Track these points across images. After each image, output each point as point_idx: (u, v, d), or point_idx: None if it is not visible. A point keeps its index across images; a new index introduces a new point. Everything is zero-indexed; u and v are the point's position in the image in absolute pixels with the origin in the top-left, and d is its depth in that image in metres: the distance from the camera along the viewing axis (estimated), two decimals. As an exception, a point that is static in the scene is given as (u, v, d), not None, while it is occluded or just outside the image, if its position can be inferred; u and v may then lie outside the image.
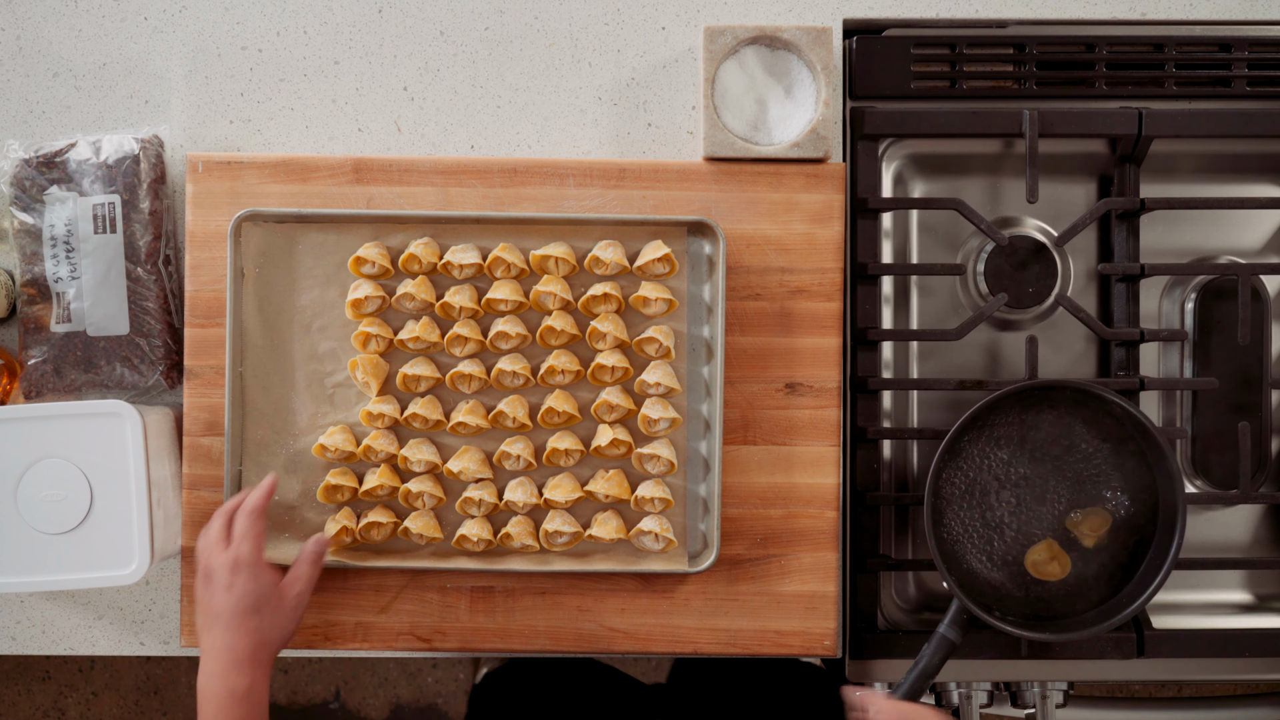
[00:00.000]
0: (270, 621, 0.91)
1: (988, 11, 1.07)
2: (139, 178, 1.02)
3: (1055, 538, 0.98)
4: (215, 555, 0.92)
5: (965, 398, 1.08)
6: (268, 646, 0.91)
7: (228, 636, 0.89)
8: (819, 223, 1.03)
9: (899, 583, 1.10)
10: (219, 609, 0.90)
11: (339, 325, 1.02)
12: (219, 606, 0.90)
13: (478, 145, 1.07)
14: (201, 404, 1.02)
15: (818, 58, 1.02)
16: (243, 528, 0.93)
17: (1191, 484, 1.09)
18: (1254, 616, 1.09)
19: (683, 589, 1.03)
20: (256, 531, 0.93)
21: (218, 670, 0.89)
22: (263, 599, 0.91)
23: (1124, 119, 1.04)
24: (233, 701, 0.88)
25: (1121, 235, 1.07)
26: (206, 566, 0.92)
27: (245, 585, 0.91)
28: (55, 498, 0.96)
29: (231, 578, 0.91)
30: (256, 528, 0.93)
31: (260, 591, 0.91)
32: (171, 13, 1.07)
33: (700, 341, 1.03)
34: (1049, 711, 1.07)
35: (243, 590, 0.91)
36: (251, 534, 0.93)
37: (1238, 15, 1.08)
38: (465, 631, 1.03)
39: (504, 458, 1.01)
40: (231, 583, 0.91)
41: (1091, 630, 0.95)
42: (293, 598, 0.93)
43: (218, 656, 0.89)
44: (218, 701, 0.88)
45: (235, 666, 0.89)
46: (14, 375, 1.04)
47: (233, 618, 0.90)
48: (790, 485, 1.03)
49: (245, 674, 0.89)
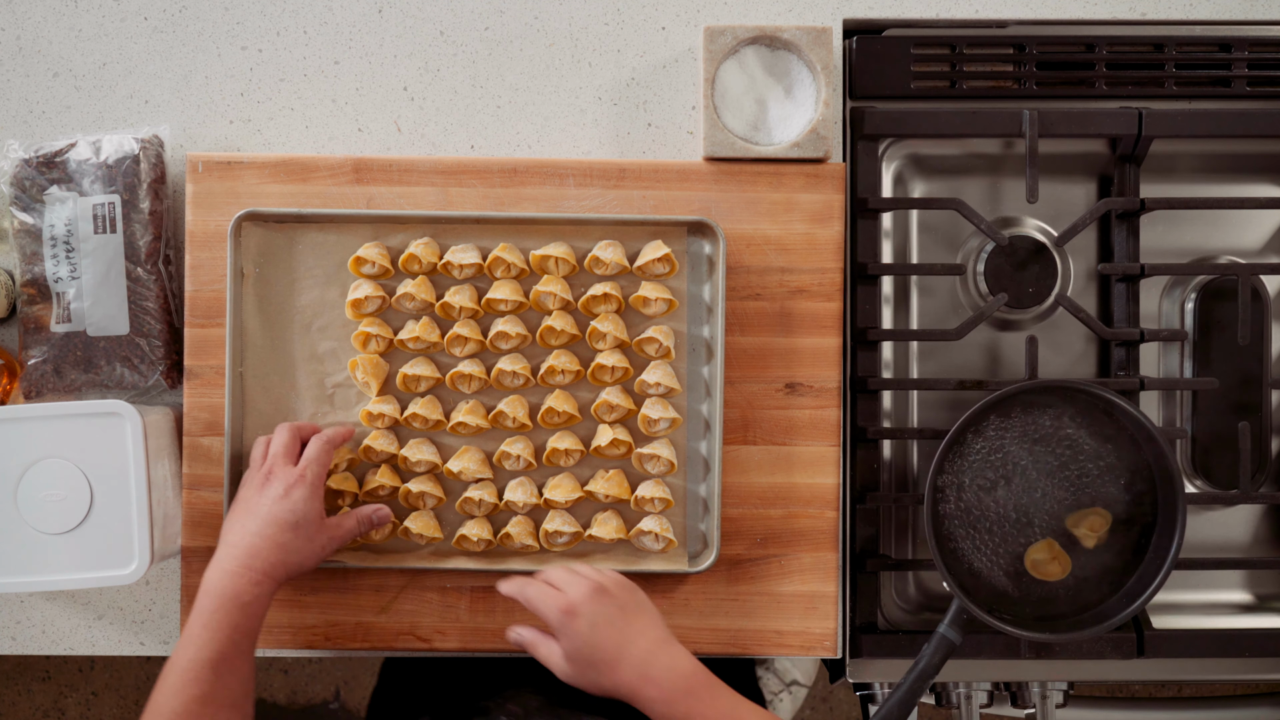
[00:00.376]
0: (300, 545, 0.91)
1: (988, 11, 1.07)
2: (139, 178, 1.02)
3: (1055, 538, 0.98)
4: (281, 463, 0.93)
5: (965, 398, 1.08)
6: (285, 566, 0.90)
7: (257, 541, 0.89)
8: (819, 223, 1.03)
9: (899, 583, 1.10)
10: (262, 510, 0.91)
11: (339, 325, 1.02)
12: (263, 508, 0.91)
13: (478, 145, 1.07)
14: (201, 404, 1.02)
15: (818, 58, 1.02)
16: (316, 452, 0.95)
17: (1191, 484, 1.09)
18: (1254, 616, 1.09)
19: (683, 589, 1.03)
20: (326, 461, 0.95)
21: (232, 568, 0.88)
22: (305, 521, 0.91)
23: (1124, 119, 1.04)
24: (234, 605, 0.87)
25: (1121, 235, 1.07)
26: (270, 470, 0.93)
27: (298, 502, 0.91)
28: (55, 498, 0.96)
29: (289, 489, 0.92)
30: (327, 458, 0.95)
31: (307, 514, 0.92)
32: (171, 13, 1.07)
33: (700, 341, 1.03)
34: (1049, 711, 1.07)
35: (293, 504, 0.91)
36: (322, 460, 0.95)
37: (1238, 15, 1.08)
38: (465, 631, 1.03)
39: (504, 458, 1.01)
40: (288, 493, 0.91)
41: (1091, 630, 0.95)
42: (326, 539, 0.94)
43: (238, 555, 0.89)
44: (219, 598, 0.87)
45: (249, 570, 0.88)
46: (14, 375, 1.04)
47: (270, 523, 0.90)
48: (790, 485, 1.03)
49: (256, 582, 0.88)
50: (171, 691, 0.83)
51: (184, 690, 0.83)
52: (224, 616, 0.86)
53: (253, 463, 0.96)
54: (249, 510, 0.92)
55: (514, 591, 0.93)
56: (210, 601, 0.87)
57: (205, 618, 0.86)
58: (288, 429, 0.97)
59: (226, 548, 0.90)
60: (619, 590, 0.91)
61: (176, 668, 0.84)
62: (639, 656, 0.87)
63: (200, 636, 0.85)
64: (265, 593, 0.89)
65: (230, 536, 0.91)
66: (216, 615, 0.86)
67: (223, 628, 0.86)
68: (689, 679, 0.87)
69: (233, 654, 0.85)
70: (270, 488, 0.92)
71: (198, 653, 0.84)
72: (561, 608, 0.89)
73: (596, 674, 0.88)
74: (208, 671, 0.84)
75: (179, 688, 0.83)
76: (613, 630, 0.88)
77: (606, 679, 0.88)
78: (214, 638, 0.85)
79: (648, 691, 0.86)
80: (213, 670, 0.84)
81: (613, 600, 0.90)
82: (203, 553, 1.01)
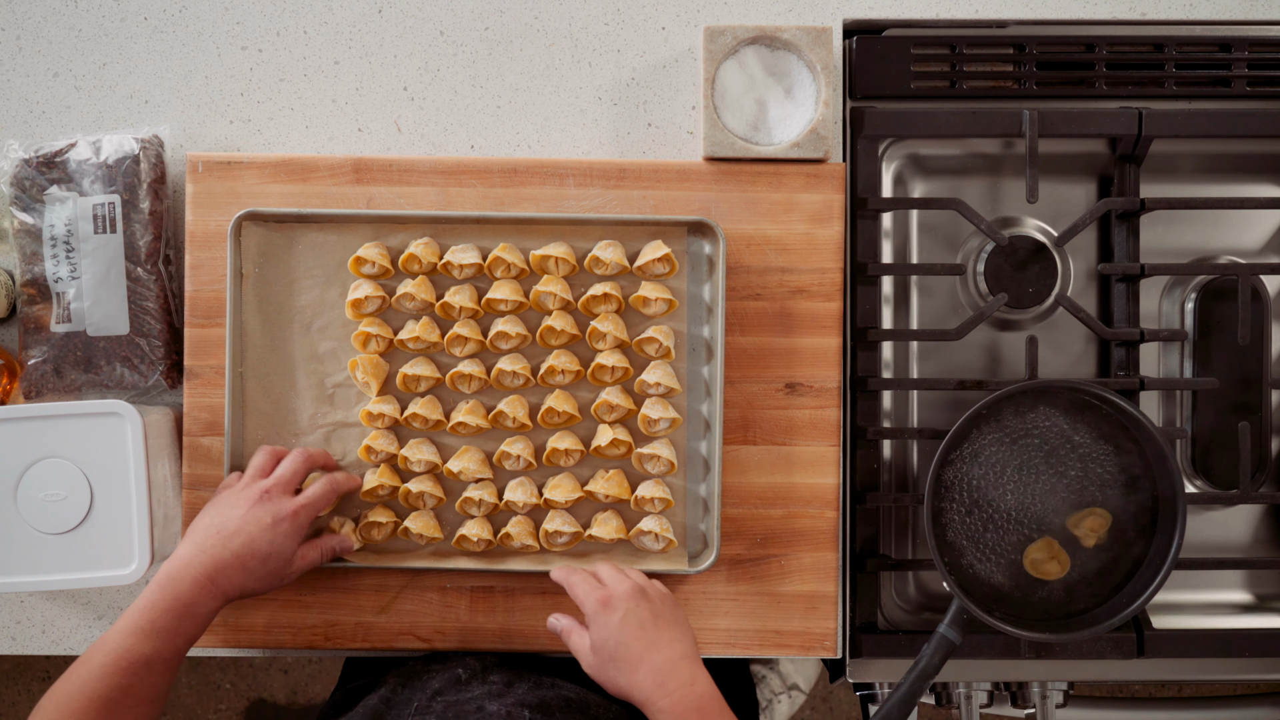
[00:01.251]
0: (263, 575, 0.91)
1: (988, 11, 1.07)
2: (139, 178, 1.02)
3: (1055, 537, 0.98)
4: (280, 489, 0.93)
5: (965, 398, 1.08)
6: (241, 590, 0.90)
7: (226, 558, 0.89)
8: (819, 223, 1.03)
9: (899, 583, 1.10)
10: (243, 529, 0.90)
11: (339, 325, 1.02)
12: (245, 528, 0.90)
13: (478, 145, 1.07)
14: (201, 404, 1.02)
15: (818, 58, 1.02)
16: (317, 495, 0.95)
17: (1191, 484, 1.09)
18: (1254, 616, 1.09)
19: (683, 589, 1.03)
20: (322, 506, 0.95)
21: (195, 576, 0.88)
22: (278, 556, 0.92)
23: (1124, 119, 1.04)
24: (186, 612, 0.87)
25: (1121, 235, 1.07)
26: (267, 491, 0.93)
27: (279, 537, 0.91)
28: (55, 498, 0.96)
29: (277, 521, 0.92)
30: (325, 503, 0.95)
31: (282, 551, 0.92)
32: (171, 13, 1.07)
33: (700, 341, 1.03)
34: (1049, 711, 1.07)
35: (274, 538, 0.91)
36: (319, 505, 0.95)
37: (1238, 15, 1.08)
38: (465, 631, 1.03)
39: (504, 458, 1.01)
40: (275, 525, 0.91)
41: (1091, 630, 0.95)
42: (287, 573, 0.94)
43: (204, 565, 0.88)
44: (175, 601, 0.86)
45: (211, 584, 0.88)
46: (14, 375, 1.04)
47: (245, 547, 0.90)
48: (790, 485, 1.03)
49: (213, 596, 0.88)
50: (99, 675, 0.83)
51: (111, 678, 0.83)
52: (173, 620, 0.86)
53: (251, 468, 0.96)
54: (229, 521, 0.91)
55: (561, 577, 0.96)
56: (164, 599, 0.87)
57: (154, 614, 0.86)
58: (302, 457, 0.96)
59: (195, 550, 0.89)
60: (658, 598, 0.92)
61: (109, 651, 0.84)
62: (660, 664, 0.88)
63: (143, 630, 0.85)
64: (216, 608, 0.89)
65: (202, 539, 0.90)
66: (166, 616, 0.86)
67: (168, 630, 0.86)
68: (702, 699, 0.87)
69: (169, 655, 0.86)
70: (259, 509, 0.92)
71: (137, 645, 0.84)
72: (600, 599, 0.91)
73: (616, 670, 0.89)
74: (140, 665, 0.84)
75: (107, 673, 0.83)
76: (641, 632, 0.89)
77: (624, 678, 0.88)
78: (156, 636, 0.85)
79: (660, 701, 0.87)
80: (145, 666, 0.84)
81: (649, 605, 0.91)
82: (203, 553, 1.01)
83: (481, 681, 0.94)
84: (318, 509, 0.95)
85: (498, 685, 0.93)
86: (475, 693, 0.92)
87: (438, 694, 0.92)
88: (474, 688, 0.93)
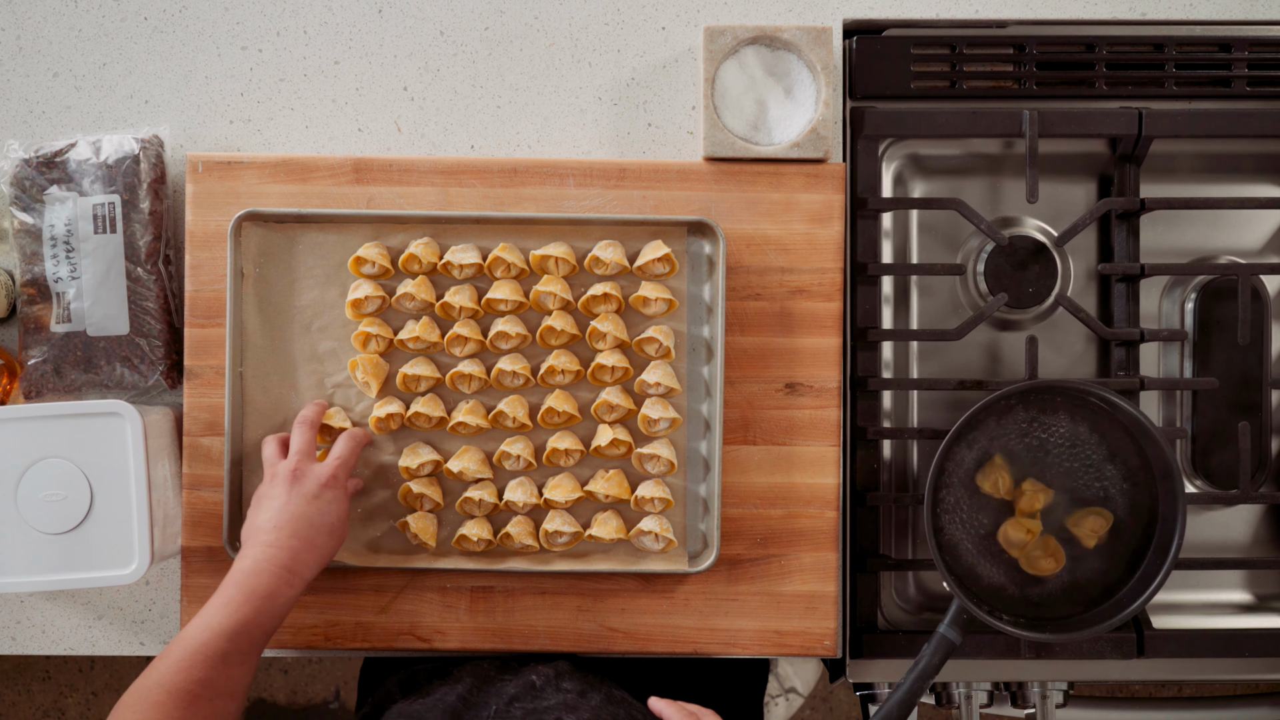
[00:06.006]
0: (332, 547, 0.92)
1: (988, 11, 1.07)
2: (139, 178, 1.02)
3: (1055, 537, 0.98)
4: (306, 462, 0.93)
5: (965, 398, 1.08)
6: (316, 569, 0.90)
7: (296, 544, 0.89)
8: (819, 223, 1.03)
9: (899, 583, 1.10)
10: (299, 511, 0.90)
11: (339, 325, 1.02)
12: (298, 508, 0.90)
13: (478, 145, 1.07)
14: (201, 404, 1.02)
15: (818, 58, 1.02)
16: (344, 452, 0.95)
17: (1191, 484, 1.09)
18: (1254, 616, 1.09)
19: (683, 589, 1.03)
20: (353, 462, 0.96)
21: (272, 568, 0.87)
22: (339, 524, 0.92)
23: (1124, 119, 1.04)
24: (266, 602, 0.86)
25: (1121, 235, 1.07)
26: (297, 469, 0.92)
27: (330, 504, 0.92)
28: (55, 498, 0.96)
29: (321, 488, 0.92)
30: (354, 457, 0.96)
31: (340, 516, 0.92)
32: (171, 13, 1.07)
33: (700, 341, 1.03)
34: (1049, 711, 1.07)
35: (325, 507, 0.91)
36: (349, 461, 0.95)
37: (1238, 15, 1.08)
38: (465, 631, 1.03)
39: (504, 458, 1.01)
40: (320, 494, 0.91)
41: (1091, 630, 0.95)
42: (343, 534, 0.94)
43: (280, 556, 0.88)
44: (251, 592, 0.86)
45: (288, 573, 0.88)
46: (14, 375, 1.04)
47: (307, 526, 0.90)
48: (790, 485, 1.03)
49: (291, 584, 0.88)
50: (177, 668, 0.82)
51: (191, 670, 0.82)
52: (251, 613, 0.86)
53: (267, 460, 0.96)
54: (280, 513, 0.90)
55: (660, 708, 0.92)
56: (239, 594, 0.86)
57: (230, 609, 0.85)
58: (307, 426, 0.96)
59: (262, 548, 0.89)
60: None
61: (187, 645, 0.84)
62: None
63: (221, 623, 0.84)
64: (295, 596, 0.89)
65: (266, 537, 0.89)
66: (244, 609, 0.85)
67: (246, 623, 0.85)
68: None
69: (247, 647, 0.85)
70: (299, 489, 0.92)
71: (213, 638, 0.84)
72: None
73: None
74: (218, 658, 0.83)
75: (185, 665, 0.83)
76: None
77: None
78: (234, 627, 0.85)
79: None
80: (223, 659, 0.84)
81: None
82: (202, 553, 1.01)
83: (556, 689, 0.94)
84: (349, 465, 0.95)
85: (571, 695, 0.93)
86: (550, 701, 0.92)
87: (515, 699, 0.92)
88: (549, 695, 0.93)
